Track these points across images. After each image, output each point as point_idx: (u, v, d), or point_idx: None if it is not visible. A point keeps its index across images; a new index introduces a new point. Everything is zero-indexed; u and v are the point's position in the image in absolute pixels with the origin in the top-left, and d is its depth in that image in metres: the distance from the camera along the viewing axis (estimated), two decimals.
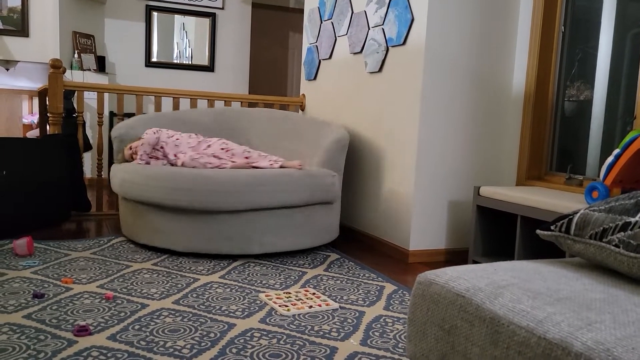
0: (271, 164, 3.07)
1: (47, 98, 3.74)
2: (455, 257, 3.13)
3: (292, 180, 2.85)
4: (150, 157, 3.13)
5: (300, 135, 3.59)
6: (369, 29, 3.41)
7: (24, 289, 2.19)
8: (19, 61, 5.30)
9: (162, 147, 3.14)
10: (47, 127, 3.71)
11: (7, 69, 5.56)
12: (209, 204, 2.70)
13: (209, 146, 3.16)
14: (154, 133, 3.16)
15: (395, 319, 2.06)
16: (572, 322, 0.90)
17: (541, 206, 2.43)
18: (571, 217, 1.26)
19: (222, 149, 3.14)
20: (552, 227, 1.30)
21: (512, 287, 1.07)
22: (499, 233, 2.93)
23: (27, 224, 3.20)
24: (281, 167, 3.07)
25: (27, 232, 3.19)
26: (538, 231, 1.34)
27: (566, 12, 2.98)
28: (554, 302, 0.99)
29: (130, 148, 3.15)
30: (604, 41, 2.80)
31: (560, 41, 3.00)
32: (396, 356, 1.73)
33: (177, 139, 3.17)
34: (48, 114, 3.61)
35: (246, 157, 3.12)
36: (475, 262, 2.86)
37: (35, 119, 6.12)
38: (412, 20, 3.00)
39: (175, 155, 3.12)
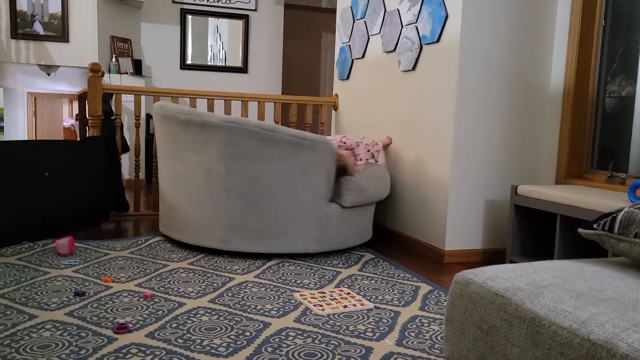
0: (368, 149, 3.35)
1: (86, 101, 3.84)
2: (492, 257, 3.07)
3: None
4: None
5: None
6: (402, 27, 3.39)
7: (66, 287, 2.25)
8: (59, 66, 5.46)
9: (356, 155, 3.28)
10: (87, 129, 3.80)
11: (49, 74, 5.73)
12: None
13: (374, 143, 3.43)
14: (339, 146, 3.24)
15: (431, 320, 2.04)
16: (617, 323, 0.87)
17: (582, 205, 2.37)
18: (615, 215, 1.23)
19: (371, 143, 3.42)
20: (595, 226, 1.26)
21: (553, 287, 1.04)
22: (537, 233, 2.87)
23: (68, 224, 3.29)
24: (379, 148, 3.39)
25: (69, 232, 3.27)
26: (580, 230, 1.31)
27: (607, 6, 2.90)
28: (598, 303, 0.96)
29: (352, 155, 3.16)
30: None
31: (601, 35, 2.92)
32: (432, 357, 1.71)
33: (362, 142, 3.34)
34: (87, 117, 3.70)
35: (351, 149, 3.30)
36: (512, 262, 2.80)
37: (74, 122, 6.29)
38: (446, 17, 2.97)
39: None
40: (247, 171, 2.74)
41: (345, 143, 3.24)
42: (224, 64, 6.36)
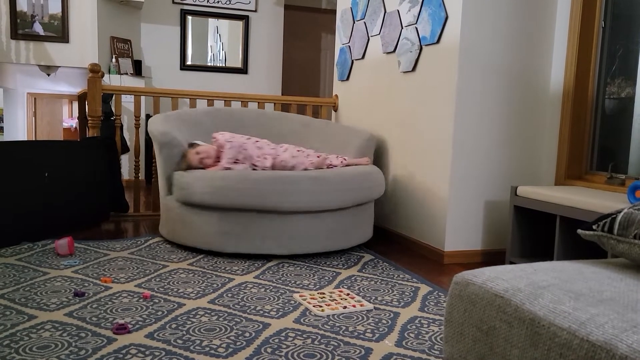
0: (341, 161, 3.18)
1: (86, 102, 3.84)
2: (491, 258, 3.07)
3: (361, 179, 3.00)
4: (234, 162, 3.01)
5: (328, 138, 3.62)
6: (402, 28, 3.39)
7: (65, 287, 2.25)
8: (59, 66, 5.46)
9: (244, 149, 3.03)
10: (87, 130, 3.80)
11: (48, 74, 5.73)
12: (294, 204, 2.78)
13: (286, 149, 3.19)
14: (232, 137, 3.08)
15: (431, 321, 2.04)
16: (616, 324, 0.87)
17: (581, 206, 2.37)
18: (614, 216, 1.23)
19: (298, 150, 3.19)
20: (594, 227, 1.26)
21: (553, 288, 1.04)
22: (536, 234, 2.87)
23: (68, 225, 3.28)
24: (348, 164, 3.20)
25: (68, 232, 3.27)
26: (579, 231, 1.31)
27: (606, 7, 2.90)
28: (597, 304, 0.96)
29: (198, 153, 2.98)
30: None
31: (601, 37, 2.92)
32: (432, 358, 1.71)
33: (257, 142, 3.15)
34: (87, 117, 3.70)
35: (318, 156, 3.17)
36: (512, 263, 2.80)
37: (74, 122, 6.29)
38: (446, 18, 2.97)
39: (258, 157, 3.04)
40: None
41: (217, 139, 3.04)
42: (224, 65, 6.36)
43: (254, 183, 2.72)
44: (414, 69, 3.28)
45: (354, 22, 4.05)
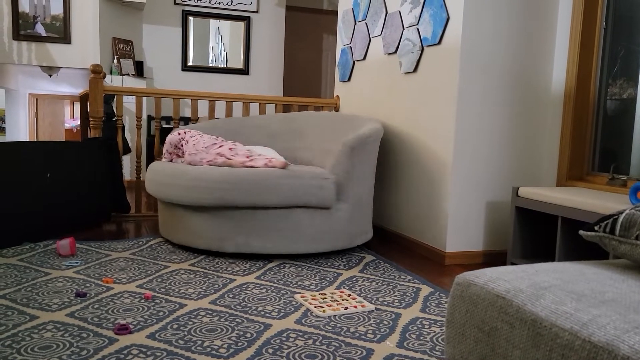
0: (265, 164, 2.97)
1: (88, 102, 3.84)
2: (493, 259, 3.07)
3: (265, 182, 2.77)
4: (174, 156, 3.29)
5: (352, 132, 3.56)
6: (403, 29, 3.39)
7: (67, 288, 2.25)
8: (61, 67, 5.47)
9: (182, 146, 3.24)
10: (89, 130, 3.80)
11: (50, 75, 5.74)
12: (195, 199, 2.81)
13: (220, 147, 3.17)
14: (179, 134, 3.28)
15: (432, 321, 2.03)
16: (618, 325, 0.87)
17: (583, 207, 2.37)
18: (616, 217, 1.22)
19: (230, 149, 3.14)
20: (596, 228, 1.26)
21: (555, 289, 1.04)
22: (538, 235, 2.87)
23: (69, 225, 3.29)
24: (266, 165, 2.96)
25: (70, 233, 3.28)
26: (581, 232, 1.31)
27: (608, 8, 2.90)
28: (599, 305, 0.96)
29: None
30: None
31: (602, 38, 2.92)
32: (433, 359, 1.71)
33: (197, 139, 3.21)
34: (89, 118, 3.70)
35: (247, 157, 3.08)
36: (513, 264, 2.80)
37: (76, 123, 6.30)
38: (448, 19, 2.97)
39: (189, 154, 3.16)
40: None
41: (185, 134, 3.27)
42: (225, 66, 6.36)
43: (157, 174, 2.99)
44: (415, 69, 3.28)
45: (355, 23, 4.05)
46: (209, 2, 6.20)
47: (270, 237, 2.80)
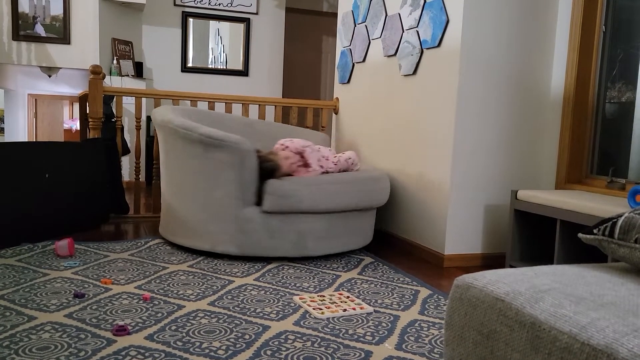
0: (335, 163, 3.25)
1: (87, 103, 3.84)
2: (491, 261, 3.07)
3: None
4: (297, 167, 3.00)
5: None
6: (403, 31, 3.39)
7: (65, 288, 2.24)
8: (60, 68, 5.47)
9: (319, 153, 3.13)
10: (88, 131, 3.80)
11: (50, 76, 5.73)
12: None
13: (343, 153, 3.36)
14: (306, 142, 3.10)
15: (431, 324, 2.03)
16: (617, 328, 0.87)
17: (582, 210, 2.37)
18: (615, 220, 1.23)
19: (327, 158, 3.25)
20: (595, 231, 1.26)
21: (554, 292, 1.04)
22: (536, 238, 2.87)
23: (68, 226, 3.28)
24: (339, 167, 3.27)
25: (68, 234, 3.27)
26: (580, 235, 1.31)
27: (607, 12, 2.91)
28: (598, 308, 0.96)
29: (287, 158, 2.93)
30: None
31: (601, 41, 2.93)
32: None
33: (316, 148, 3.17)
34: (88, 119, 3.70)
35: (334, 163, 3.24)
36: (512, 267, 2.80)
37: (75, 124, 6.30)
38: (447, 21, 2.97)
39: (329, 161, 3.20)
40: (177, 167, 2.95)
41: (287, 147, 3.02)
42: (225, 67, 6.37)
43: (354, 185, 2.95)
44: (414, 72, 3.28)
45: (355, 25, 4.06)
46: (209, 3, 6.20)
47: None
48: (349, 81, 4.18)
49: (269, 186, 2.73)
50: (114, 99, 4.59)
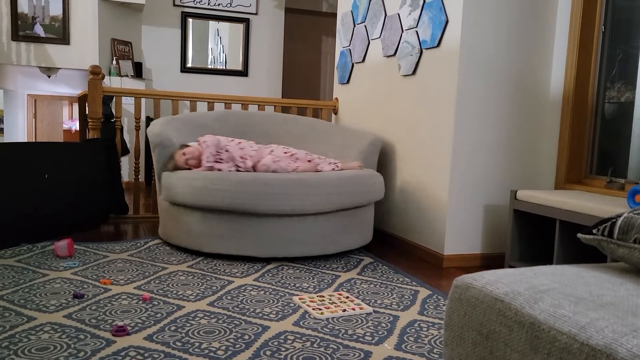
0: (333, 168, 3.13)
1: (86, 103, 3.84)
2: (491, 262, 3.07)
3: (355, 182, 2.97)
4: (215, 162, 3.01)
5: (328, 140, 3.62)
6: (402, 31, 3.40)
7: (65, 289, 2.24)
8: (60, 68, 5.46)
9: (226, 151, 3.04)
10: (87, 131, 3.80)
11: (49, 76, 5.73)
12: (278, 206, 2.74)
13: (272, 151, 3.17)
14: (210, 137, 3.10)
15: (430, 324, 2.03)
16: (616, 329, 0.87)
17: (581, 210, 2.37)
18: (614, 220, 1.23)
19: (285, 152, 3.16)
20: (594, 231, 1.26)
21: (553, 292, 1.04)
22: (536, 238, 2.87)
23: (67, 226, 3.28)
24: (341, 169, 3.14)
25: (68, 234, 3.27)
26: (579, 235, 1.31)
27: (606, 12, 2.91)
28: (597, 308, 0.96)
29: (185, 154, 2.99)
30: None
31: (601, 41, 2.93)
32: None
33: (240, 143, 3.15)
34: (88, 119, 3.70)
35: (309, 161, 3.14)
36: (511, 267, 2.80)
37: (75, 124, 6.29)
38: (447, 22, 2.97)
39: (242, 158, 3.05)
40: None
41: (203, 142, 3.05)
42: (224, 67, 6.37)
43: (232, 184, 2.72)
44: (414, 72, 3.28)
45: (354, 26, 4.06)
46: (208, 3, 6.20)
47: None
48: (348, 81, 4.18)
49: (162, 177, 3.05)
50: (114, 100, 4.58)
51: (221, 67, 6.35)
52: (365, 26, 3.88)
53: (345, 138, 3.56)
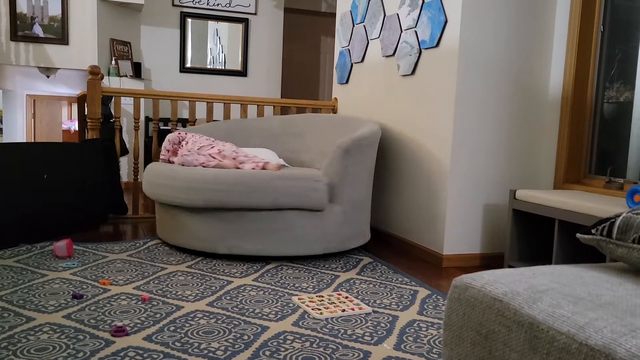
0: (253, 167, 3.02)
1: (85, 104, 3.84)
2: (490, 261, 3.07)
3: (257, 184, 2.76)
4: (171, 154, 3.27)
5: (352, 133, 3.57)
6: (401, 31, 3.40)
7: (64, 289, 2.24)
8: (59, 68, 5.46)
9: (182, 146, 3.23)
10: (86, 132, 3.80)
11: (48, 76, 5.73)
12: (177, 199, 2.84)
13: (212, 147, 3.17)
14: (179, 133, 3.30)
15: (430, 324, 2.03)
16: (615, 329, 0.87)
17: (580, 210, 2.37)
18: (613, 220, 1.23)
19: (219, 151, 3.15)
20: (593, 231, 1.26)
21: (552, 292, 1.04)
22: (535, 237, 2.87)
23: (66, 226, 3.28)
24: (263, 168, 3.02)
25: (67, 234, 3.27)
26: (578, 235, 1.31)
27: (605, 12, 2.91)
28: (596, 308, 0.96)
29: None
30: None
31: (599, 41, 2.93)
32: None
33: (194, 141, 3.21)
34: (87, 119, 3.70)
35: (233, 158, 3.11)
36: (511, 266, 2.80)
37: (74, 124, 6.29)
38: (446, 22, 2.97)
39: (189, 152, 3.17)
40: None
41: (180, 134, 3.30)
42: (223, 67, 6.36)
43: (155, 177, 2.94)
44: (413, 72, 3.28)
45: (353, 26, 4.06)
46: (207, 3, 6.20)
47: (262, 239, 2.79)
48: (347, 81, 4.18)
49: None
50: (112, 100, 4.59)
51: (220, 67, 6.35)
52: (364, 26, 3.88)
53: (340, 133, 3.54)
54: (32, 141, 6.39)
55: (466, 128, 2.95)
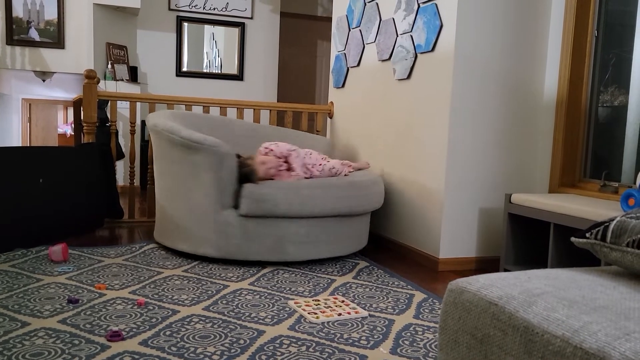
0: (349, 171, 3.32)
1: (81, 108, 3.83)
2: (486, 265, 3.08)
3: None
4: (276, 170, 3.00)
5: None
6: (397, 36, 3.41)
7: (59, 294, 2.24)
8: (54, 72, 5.45)
9: (303, 158, 3.16)
10: (82, 136, 3.79)
11: (44, 80, 5.72)
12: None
13: (324, 157, 3.33)
14: (292, 147, 3.13)
15: (426, 328, 2.04)
16: (609, 332, 0.88)
17: (575, 214, 2.38)
18: (607, 224, 1.23)
19: (322, 157, 3.29)
20: (588, 235, 1.27)
21: (547, 296, 1.05)
22: (530, 241, 2.88)
23: (62, 231, 3.27)
24: (355, 169, 3.37)
25: (62, 239, 3.26)
26: (573, 239, 1.32)
27: (599, 16, 2.93)
28: (590, 311, 0.97)
29: (264, 163, 2.91)
30: (639, 45, 2.74)
31: (594, 45, 2.95)
32: None
33: (304, 152, 3.22)
34: (83, 123, 3.69)
35: (342, 163, 3.31)
36: (506, 270, 2.81)
37: (69, 128, 6.28)
38: (441, 26, 2.99)
39: (315, 165, 3.21)
40: (166, 170, 2.99)
41: (272, 150, 3.05)
42: (219, 71, 6.37)
43: (333, 191, 2.88)
44: (409, 76, 3.29)
45: (349, 30, 4.07)
46: (204, 8, 6.21)
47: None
48: (343, 85, 4.19)
49: (245, 190, 2.75)
50: (109, 104, 4.58)
51: (217, 71, 6.35)
52: (360, 30, 3.89)
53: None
54: (28, 145, 6.37)
55: (461, 132, 2.96)
